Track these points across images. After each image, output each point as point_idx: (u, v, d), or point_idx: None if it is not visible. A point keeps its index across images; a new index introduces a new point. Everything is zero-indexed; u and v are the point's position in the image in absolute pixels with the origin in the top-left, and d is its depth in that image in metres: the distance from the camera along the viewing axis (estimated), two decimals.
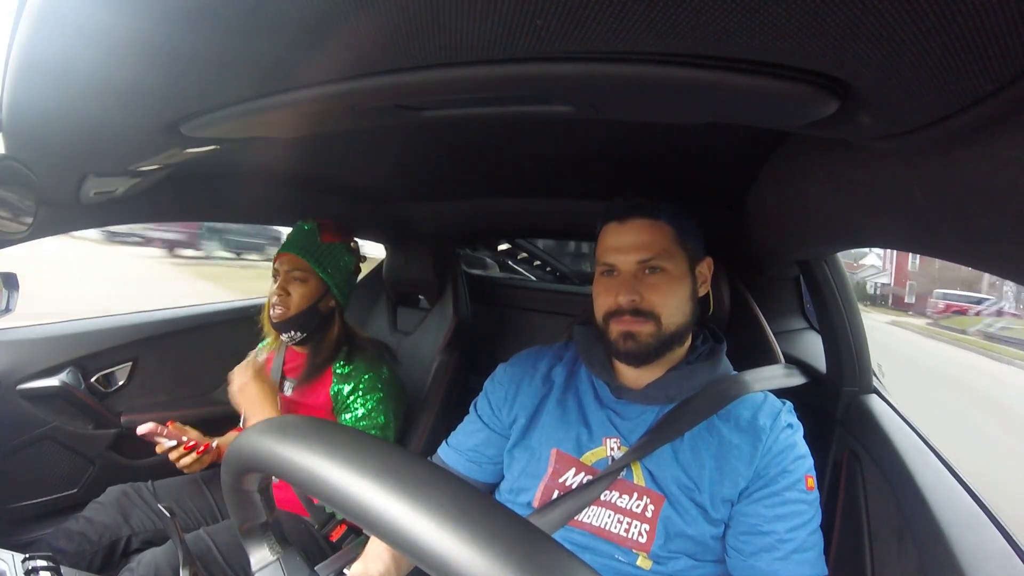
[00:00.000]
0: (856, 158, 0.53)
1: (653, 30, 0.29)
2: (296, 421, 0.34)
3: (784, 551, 0.69)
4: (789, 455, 0.72)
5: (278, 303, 1.15)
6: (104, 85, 0.47)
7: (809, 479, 0.72)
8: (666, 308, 0.74)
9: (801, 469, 0.72)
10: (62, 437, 1.31)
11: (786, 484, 0.71)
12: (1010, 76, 0.27)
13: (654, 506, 0.73)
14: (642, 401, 0.78)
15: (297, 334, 1.17)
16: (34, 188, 0.76)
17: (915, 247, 0.60)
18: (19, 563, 0.64)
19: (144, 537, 1.12)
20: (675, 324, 0.75)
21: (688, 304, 0.77)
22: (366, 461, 0.28)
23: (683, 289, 0.76)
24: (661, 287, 0.74)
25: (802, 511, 0.71)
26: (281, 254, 1.17)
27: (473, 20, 0.30)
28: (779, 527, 0.69)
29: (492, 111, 0.51)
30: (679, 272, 0.75)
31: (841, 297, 0.99)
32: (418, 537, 0.24)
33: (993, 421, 5.82)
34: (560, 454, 0.79)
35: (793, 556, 0.69)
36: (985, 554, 0.60)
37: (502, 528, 0.24)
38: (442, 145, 0.93)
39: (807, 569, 0.69)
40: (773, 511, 0.70)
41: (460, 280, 1.55)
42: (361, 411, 1.14)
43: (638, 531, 0.73)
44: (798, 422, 0.77)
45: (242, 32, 0.36)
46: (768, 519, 0.70)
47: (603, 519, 0.75)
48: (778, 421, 0.75)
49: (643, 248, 0.74)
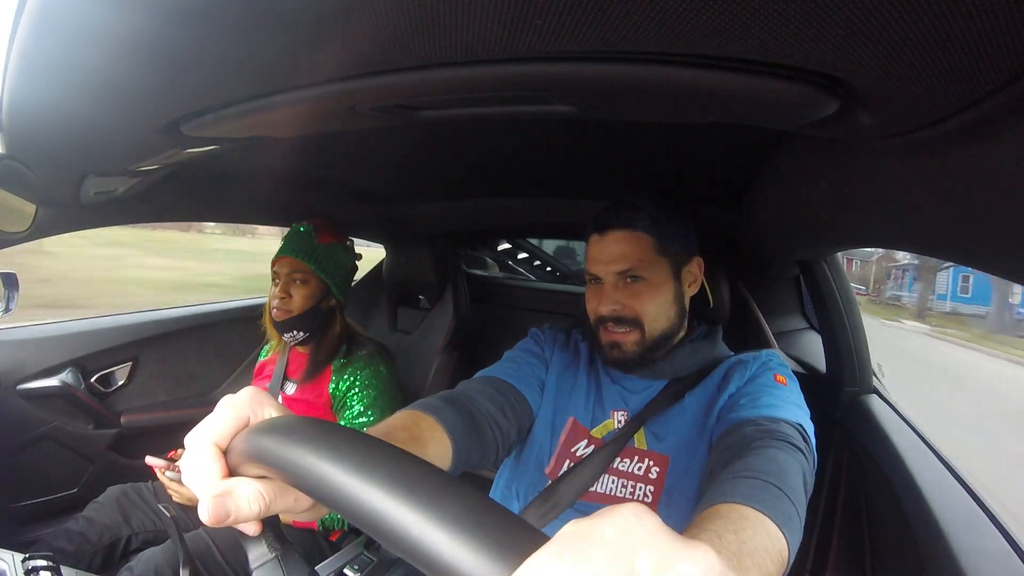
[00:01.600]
0: (856, 158, 0.53)
1: (653, 30, 0.29)
2: (298, 421, 0.34)
3: (756, 405, 0.68)
4: (762, 371, 0.75)
5: (280, 305, 1.16)
6: (104, 85, 0.47)
7: (778, 376, 0.73)
8: (647, 315, 0.77)
9: (768, 371, 0.74)
10: (62, 437, 1.31)
11: (761, 384, 0.72)
12: (1010, 76, 0.27)
13: (659, 468, 0.75)
14: (650, 376, 0.81)
15: (300, 334, 1.18)
16: (34, 188, 0.76)
17: (915, 247, 0.60)
18: (19, 563, 0.64)
19: (144, 537, 1.12)
20: (658, 330, 0.78)
21: (672, 308, 0.79)
22: (367, 462, 0.28)
23: (664, 295, 0.78)
24: (642, 295, 0.77)
25: (778, 391, 0.70)
26: (280, 257, 1.18)
27: (473, 20, 0.30)
28: (755, 404, 0.68)
29: (492, 111, 0.51)
30: (660, 279, 0.78)
31: (841, 297, 0.99)
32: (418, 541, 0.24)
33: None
34: (575, 423, 0.81)
35: (762, 405, 0.67)
36: (985, 554, 0.60)
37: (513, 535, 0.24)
38: (442, 145, 0.93)
39: (781, 413, 0.66)
40: (750, 398, 0.70)
41: (460, 280, 1.55)
42: (358, 408, 1.16)
43: (643, 493, 0.74)
44: (784, 364, 0.78)
45: (242, 32, 0.36)
46: (745, 406, 0.68)
47: (608, 486, 0.76)
48: (758, 357, 0.78)
49: (621, 259, 0.77)
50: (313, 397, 1.19)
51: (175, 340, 1.52)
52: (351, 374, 1.18)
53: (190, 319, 1.57)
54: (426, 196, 1.41)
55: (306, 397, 1.19)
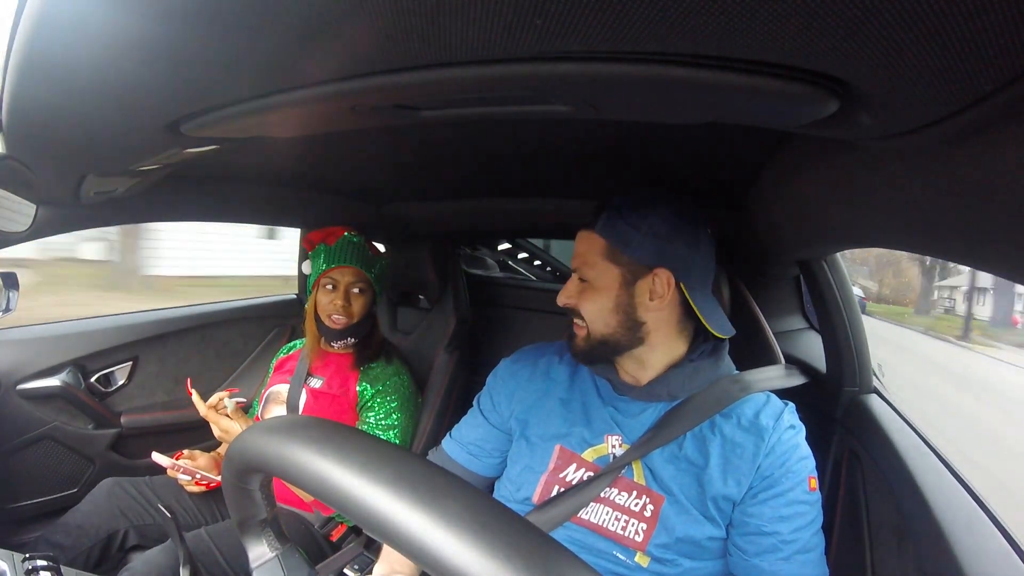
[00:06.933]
0: (856, 158, 0.53)
1: (653, 30, 0.29)
2: (300, 421, 0.34)
3: (787, 552, 0.69)
4: (792, 455, 0.72)
5: (340, 313, 1.20)
6: (104, 85, 0.47)
7: (812, 480, 0.73)
8: (587, 313, 0.77)
9: (804, 470, 0.73)
10: (62, 437, 1.31)
11: (789, 485, 0.71)
12: (1010, 76, 0.27)
13: (653, 506, 0.73)
14: (644, 398, 0.78)
15: (351, 340, 1.25)
16: (34, 188, 0.76)
17: (915, 247, 0.60)
18: (19, 563, 0.64)
19: (140, 531, 1.12)
20: (599, 332, 0.77)
21: (612, 316, 0.76)
22: (370, 463, 0.28)
23: (603, 300, 0.76)
24: (584, 295, 0.77)
25: (805, 512, 0.71)
26: (341, 266, 1.22)
27: (473, 20, 0.30)
28: (783, 528, 0.69)
29: (492, 111, 0.51)
30: (602, 284, 0.76)
31: (841, 297, 0.99)
32: (419, 539, 0.24)
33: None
34: (563, 450, 0.79)
35: (796, 557, 0.69)
36: (985, 554, 0.60)
37: (506, 531, 0.24)
38: (442, 145, 0.92)
39: (810, 570, 0.69)
40: (777, 512, 0.70)
41: (460, 280, 1.55)
42: (382, 412, 1.21)
43: (635, 530, 0.73)
44: (800, 424, 0.77)
45: (242, 32, 0.36)
46: (772, 520, 0.70)
47: (601, 516, 0.75)
48: (780, 421, 0.75)
49: (577, 256, 0.79)
50: (340, 392, 1.23)
51: (175, 340, 1.52)
52: (380, 379, 1.23)
53: (190, 319, 1.57)
54: (426, 196, 1.41)
55: (333, 392, 1.23)
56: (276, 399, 1.26)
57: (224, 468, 0.38)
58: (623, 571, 0.73)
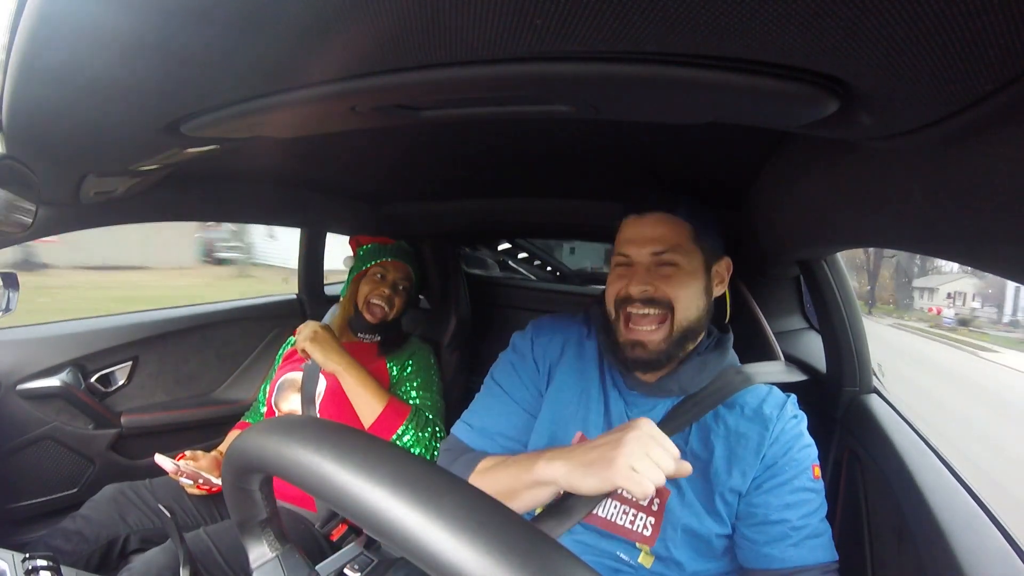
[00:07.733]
0: (856, 158, 0.53)
1: (653, 30, 0.29)
2: (300, 421, 0.34)
3: (797, 538, 0.69)
4: (796, 444, 0.73)
5: (383, 304, 1.27)
6: (104, 85, 0.47)
7: (815, 468, 0.73)
8: (679, 301, 0.74)
9: (808, 459, 0.73)
10: (62, 437, 1.31)
11: (794, 472, 0.71)
12: (1010, 76, 0.27)
13: (659, 499, 0.73)
14: (656, 394, 0.79)
15: (378, 337, 1.31)
16: (34, 188, 0.76)
17: (915, 247, 0.60)
18: (19, 563, 0.64)
19: (142, 536, 1.12)
20: (688, 318, 0.75)
21: (702, 300, 0.76)
22: (371, 463, 0.28)
23: (696, 284, 0.76)
24: (674, 279, 0.74)
25: (811, 499, 0.71)
26: (395, 261, 1.31)
27: (473, 20, 0.30)
28: (790, 515, 0.69)
29: (492, 111, 0.51)
30: (692, 268, 0.76)
31: (841, 297, 0.99)
32: (417, 537, 0.24)
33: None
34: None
35: (806, 542, 0.69)
36: (985, 554, 0.60)
37: (505, 530, 0.24)
38: (442, 145, 0.92)
39: (820, 554, 0.69)
40: (782, 499, 0.70)
41: (460, 280, 1.55)
42: (413, 388, 1.25)
43: (643, 524, 0.73)
44: (802, 413, 0.77)
45: (242, 32, 0.36)
46: (778, 508, 0.70)
47: (610, 510, 0.75)
48: (784, 411, 0.75)
49: (658, 241, 0.75)
50: (371, 370, 1.24)
51: (175, 340, 1.52)
52: (407, 357, 1.29)
53: (190, 319, 1.57)
54: (426, 196, 1.41)
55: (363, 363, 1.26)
56: (291, 386, 1.26)
57: (224, 468, 0.38)
58: (626, 571, 0.73)
